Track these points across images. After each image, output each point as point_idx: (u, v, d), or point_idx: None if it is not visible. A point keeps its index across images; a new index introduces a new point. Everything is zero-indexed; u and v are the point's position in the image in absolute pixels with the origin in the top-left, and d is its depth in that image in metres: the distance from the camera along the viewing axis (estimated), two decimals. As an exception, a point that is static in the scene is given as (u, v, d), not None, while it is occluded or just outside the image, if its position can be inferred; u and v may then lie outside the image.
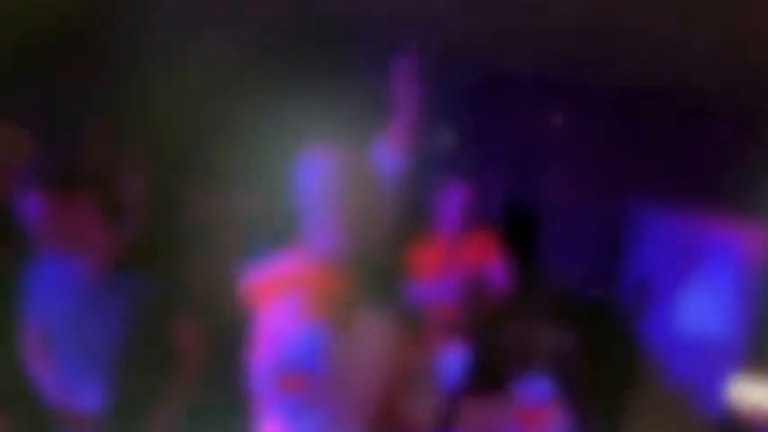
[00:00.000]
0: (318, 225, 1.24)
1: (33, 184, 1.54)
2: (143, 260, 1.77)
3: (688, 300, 2.87)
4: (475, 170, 3.25)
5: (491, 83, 3.24)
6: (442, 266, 2.88)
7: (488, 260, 2.99)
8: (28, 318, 1.83)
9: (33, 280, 1.78)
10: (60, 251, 1.64)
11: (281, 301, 1.19)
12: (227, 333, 1.24)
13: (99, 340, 1.70)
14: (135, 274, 1.71)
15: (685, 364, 2.72)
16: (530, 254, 3.34)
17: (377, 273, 1.35)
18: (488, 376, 2.42)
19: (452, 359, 2.77)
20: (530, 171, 3.36)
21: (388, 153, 1.56)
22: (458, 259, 2.88)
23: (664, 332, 2.86)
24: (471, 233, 2.96)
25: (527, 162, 3.35)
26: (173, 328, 1.78)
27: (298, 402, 1.09)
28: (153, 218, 3.20)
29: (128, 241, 2.99)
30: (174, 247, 3.77)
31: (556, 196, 3.34)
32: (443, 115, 3.38)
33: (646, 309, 2.96)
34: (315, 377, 1.08)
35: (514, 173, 3.35)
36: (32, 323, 1.83)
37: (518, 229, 3.37)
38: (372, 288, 1.30)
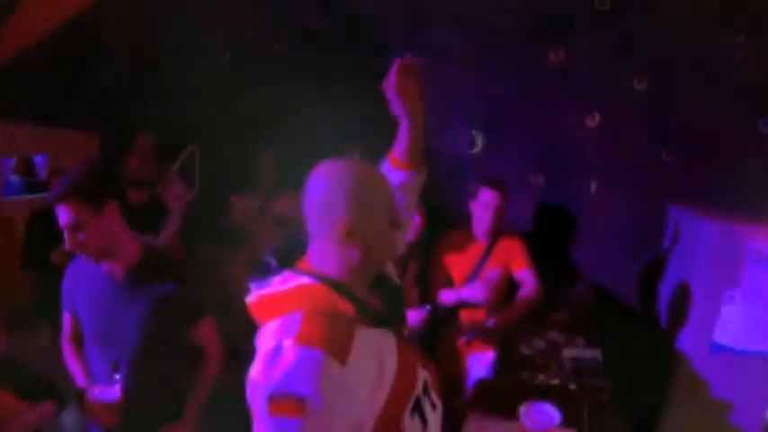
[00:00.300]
0: (324, 241, 1.19)
1: (66, 195, 1.66)
2: (165, 266, 1.86)
3: (728, 310, 2.74)
4: (505, 173, 3.18)
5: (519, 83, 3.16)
6: (472, 271, 2.88)
7: (518, 266, 2.94)
8: (63, 311, 2.00)
9: (68, 277, 1.93)
10: (89, 255, 1.76)
11: (278, 319, 1.14)
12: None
13: (121, 337, 1.82)
14: (157, 279, 1.81)
15: (723, 379, 2.60)
16: (562, 259, 3.26)
17: (386, 293, 1.29)
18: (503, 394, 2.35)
19: (480, 366, 2.81)
20: (563, 173, 3.26)
21: (392, 165, 1.44)
22: (488, 264, 2.88)
23: (701, 344, 2.73)
24: (502, 237, 2.93)
25: (560, 163, 3.26)
26: (193, 330, 1.92)
27: (290, 428, 1.00)
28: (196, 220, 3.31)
29: (170, 242, 3.13)
30: (213, 250, 3.87)
31: (590, 199, 3.23)
32: (472, 118, 3.32)
33: (683, 319, 2.84)
34: (309, 404, 1.00)
35: (547, 175, 3.26)
36: (66, 317, 2.00)
37: (550, 234, 3.29)
38: (378, 309, 1.23)
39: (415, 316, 2.57)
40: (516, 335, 2.89)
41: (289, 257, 1.24)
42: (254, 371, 1.09)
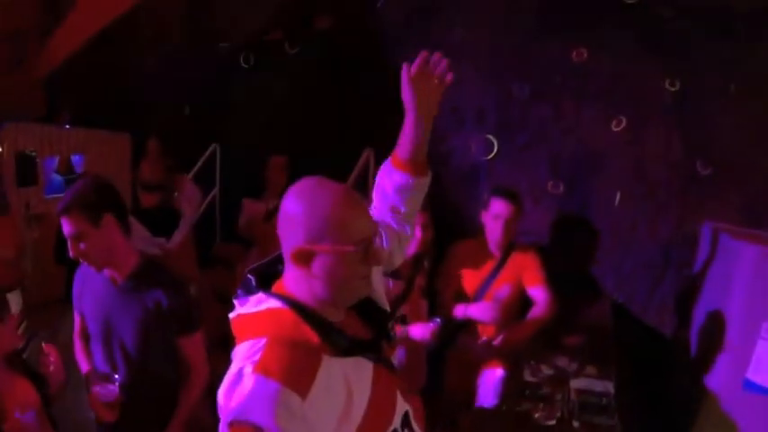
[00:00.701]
0: (289, 264, 1.16)
1: (67, 208, 1.80)
2: (160, 277, 1.96)
3: (765, 346, 2.41)
4: (520, 180, 2.96)
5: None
6: (482, 285, 2.73)
7: (531, 282, 2.77)
8: (75, 312, 2.15)
9: (77, 281, 2.09)
10: (91, 263, 1.90)
11: (245, 343, 1.13)
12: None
13: (119, 339, 1.95)
14: (152, 288, 1.91)
15: (755, 421, 2.29)
16: (580, 276, 2.98)
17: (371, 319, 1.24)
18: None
19: (489, 383, 2.65)
20: (584, 182, 2.98)
21: (393, 164, 1.36)
22: (499, 279, 2.72)
23: (733, 380, 2.42)
24: (515, 251, 2.75)
25: (582, 172, 2.98)
26: (180, 342, 1.99)
27: None
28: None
29: (181, 244, 3.19)
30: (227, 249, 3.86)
31: (613, 211, 2.94)
32: (486, 121, 3.11)
33: (715, 350, 2.53)
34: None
35: (566, 183, 2.99)
36: (77, 317, 2.16)
37: (568, 248, 3.03)
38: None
39: (425, 329, 2.47)
40: (524, 357, 2.69)
41: (269, 276, 1.21)
42: (220, 392, 1.09)
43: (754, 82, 2.72)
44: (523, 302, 2.76)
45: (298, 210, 1.10)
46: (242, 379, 1.05)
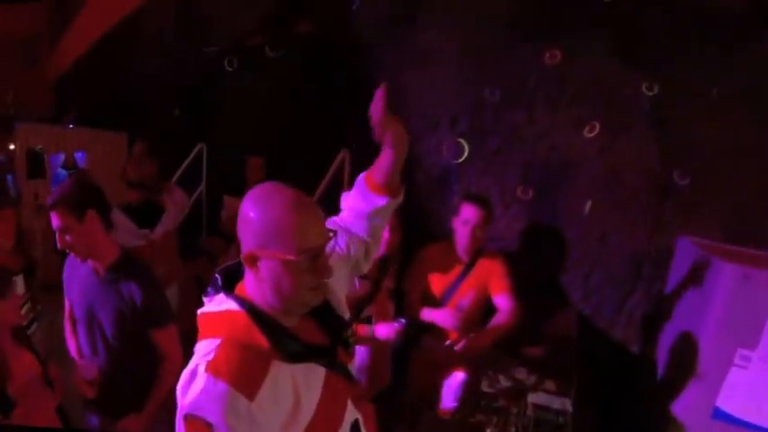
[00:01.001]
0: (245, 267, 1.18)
1: (55, 204, 1.94)
2: (137, 271, 2.10)
3: (738, 373, 2.27)
4: (490, 185, 2.87)
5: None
6: (448, 290, 2.72)
7: (496, 289, 2.72)
8: (65, 298, 2.31)
9: (65, 270, 2.25)
10: (76, 254, 2.06)
11: (204, 341, 1.17)
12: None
13: (99, 325, 2.11)
14: (129, 280, 2.05)
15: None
16: (547, 286, 2.85)
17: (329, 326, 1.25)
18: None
19: (451, 386, 2.65)
20: (554, 189, 2.86)
21: (369, 187, 1.41)
22: (464, 285, 2.70)
23: (702, 407, 2.28)
24: (483, 257, 2.72)
25: (552, 178, 2.86)
26: (154, 334, 2.10)
27: None
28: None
29: (163, 237, 3.29)
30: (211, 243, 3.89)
31: (583, 220, 2.80)
32: (458, 125, 3.03)
33: (685, 374, 2.39)
34: (218, 431, 1.07)
35: (536, 189, 2.88)
36: (66, 302, 2.32)
37: (536, 256, 2.91)
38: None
39: (390, 329, 2.50)
40: (484, 365, 2.65)
41: (235, 276, 1.24)
42: (178, 385, 1.14)
43: (738, 87, 2.57)
44: (489, 309, 2.70)
45: (250, 214, 1.13)
46: (196, 377, 1.11)
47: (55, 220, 1.98)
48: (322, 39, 3.32)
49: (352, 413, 1.24)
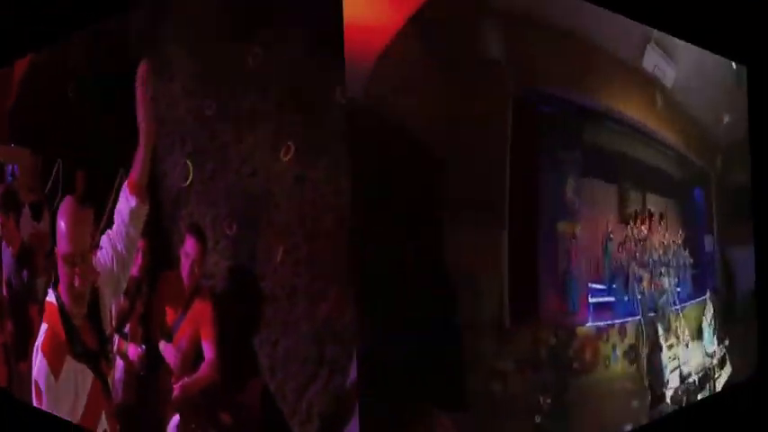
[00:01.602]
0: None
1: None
2: None
3: None
4: (203, 220, 2.45)
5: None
6: (173, 325, 2.63)
7: (203, 336, 2.55)
8: None
9: None
10: None
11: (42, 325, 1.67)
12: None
13: None
14: None
15: None
16: (242, 343, 2.31)
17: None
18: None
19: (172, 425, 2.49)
20: (252, 226, 2.29)
21: (129, 189, 1.81)
22: (183, 324, 2.59)
23: None
24: (198, 296, 2.55)
25: (252, 213, 2.30)
26: None
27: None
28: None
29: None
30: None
31: (276, 271, 2.20)
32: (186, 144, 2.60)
33: None
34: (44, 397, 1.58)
35: (239, 225, 2.34)
36: None
37: (236, 307, 2.42)
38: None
39: (132, 352, 2.61)
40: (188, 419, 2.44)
41: None
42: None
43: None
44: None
45: None
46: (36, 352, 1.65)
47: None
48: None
49: (103, 424, 1.54)
